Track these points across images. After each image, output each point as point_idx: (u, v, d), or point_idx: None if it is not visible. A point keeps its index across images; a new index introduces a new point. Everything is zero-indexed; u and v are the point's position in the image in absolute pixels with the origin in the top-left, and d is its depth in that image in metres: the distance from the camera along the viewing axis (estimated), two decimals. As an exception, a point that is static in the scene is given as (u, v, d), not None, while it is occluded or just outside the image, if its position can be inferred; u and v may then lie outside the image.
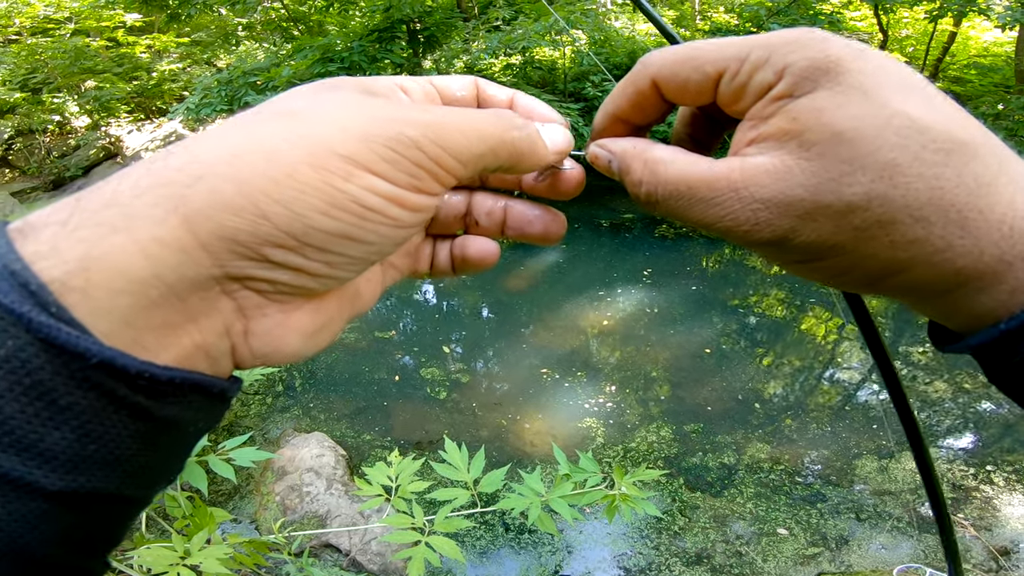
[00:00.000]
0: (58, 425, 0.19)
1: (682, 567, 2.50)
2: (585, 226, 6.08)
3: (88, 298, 0.20)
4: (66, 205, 0.21)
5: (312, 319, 0.26)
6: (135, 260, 0.20)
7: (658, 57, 0.29)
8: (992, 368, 0.26)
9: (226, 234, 0.21)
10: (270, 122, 0.23)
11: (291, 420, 3.40)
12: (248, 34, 10.63)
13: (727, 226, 0.27)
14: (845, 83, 0.24)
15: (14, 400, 0.19)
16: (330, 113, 0.24)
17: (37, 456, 0.19)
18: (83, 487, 0.20)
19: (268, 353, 0.25)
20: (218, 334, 0.23)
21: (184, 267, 0.21)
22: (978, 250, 0.23)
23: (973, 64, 8.28)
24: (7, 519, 0.19)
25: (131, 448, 0.21)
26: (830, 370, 3.93)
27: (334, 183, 0.22)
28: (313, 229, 0.23)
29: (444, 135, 0.25)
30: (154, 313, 0.21)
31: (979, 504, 2.77)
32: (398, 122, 0.24)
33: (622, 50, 7.18)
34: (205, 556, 1.11)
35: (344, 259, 0.24)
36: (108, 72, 9.10)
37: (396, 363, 3.95)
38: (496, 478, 1.44)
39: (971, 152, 0.24)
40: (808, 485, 2.91)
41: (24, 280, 0.19)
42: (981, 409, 3.43)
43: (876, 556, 2.54)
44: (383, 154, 0.24)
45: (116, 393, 0.20)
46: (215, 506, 2.52)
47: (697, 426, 3.28)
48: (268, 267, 0.23)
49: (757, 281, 4.98)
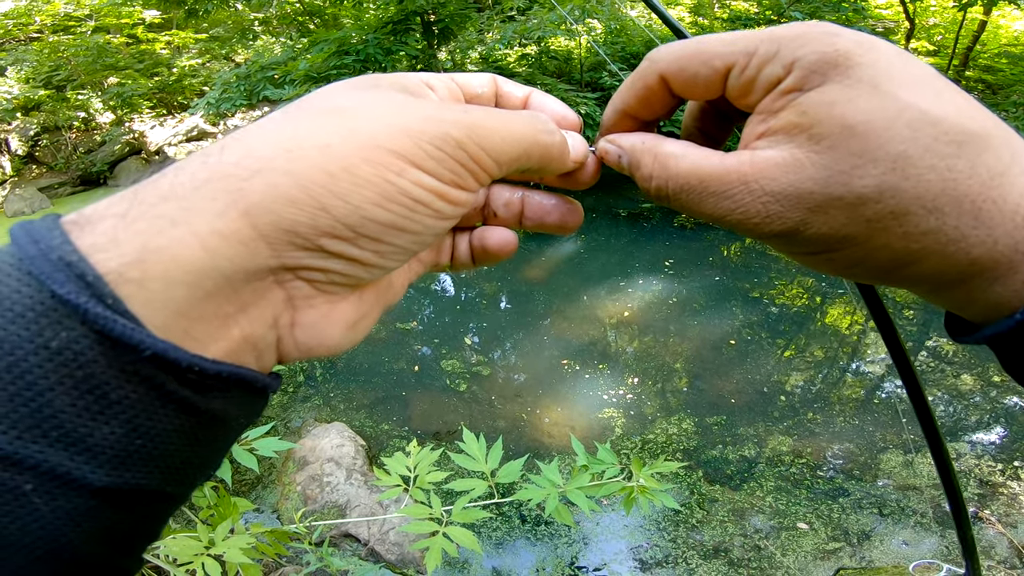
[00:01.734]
0: (108, 420, 0.20)
1: (699, 560, 2.49)
2: (603, 216, 6.04)
3: (143, 289, 0.20)
4: (123, 198, 0.22)
5: (355, 311, 0.28)
6: (194, 252, 0.21)
7: (666, 52, 0.29)
8: (1009, 358, 0.26)
9: (285, 225, 0.22)
10: (319, 118, 0.24)
11: (312, 410, 3.44)
12: (264, 29, 10.71)
13: (738, 219, 0.27)
14: (855, 76, 0.24)
15: (65, 393, 0.19)
16: (377, 110, 0.25)
17: (85, 451, 0.19)
18: (128, 483, 0.21)
19: (312, 346, 0.26)
20: (267, 325, 0.24)
21: (242, 258, 0.22)
22: (992, 239, 0.24)
23: (1004, 53, 8.04)
24: (50, 516, 0.19)
25: (176, 443, 0.22)
26: (855, 362, 3.87)
27: (387, 177, 0.24)
28: (368, 220, 0.24)
29: (484, 137, 0.26)
30: (208, 304, 0.21)
31: (1006, 500, 2.71)
32: (444, 123, 0.25)
33: (639, 39, 7.09)
34: (229, 546, 1.12)
35: (393, 248, 0.25)
36: (130, 68, 9.24)
37: (415, 354, 3.97)
38: (514, 469, 1.44)
39: (983, 143, 0.24)
40: (830, 479, 2.87)
41: (80, 272, 0.19)
42: (1009, 404, 3.35)
43: (898, 552, 2.51)
44: (430, 152, 0.25)
45: (165, 387, 0.20)
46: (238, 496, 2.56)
47: (717, 418, 3.26)
48: (323, 257, 0.24)
49: (781, 270, 4.91)
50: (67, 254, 0.19)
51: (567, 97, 6.42)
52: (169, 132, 9.61)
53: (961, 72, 7.61)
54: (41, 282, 0.19)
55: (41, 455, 0.19)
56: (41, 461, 0.19)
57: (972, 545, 0.65)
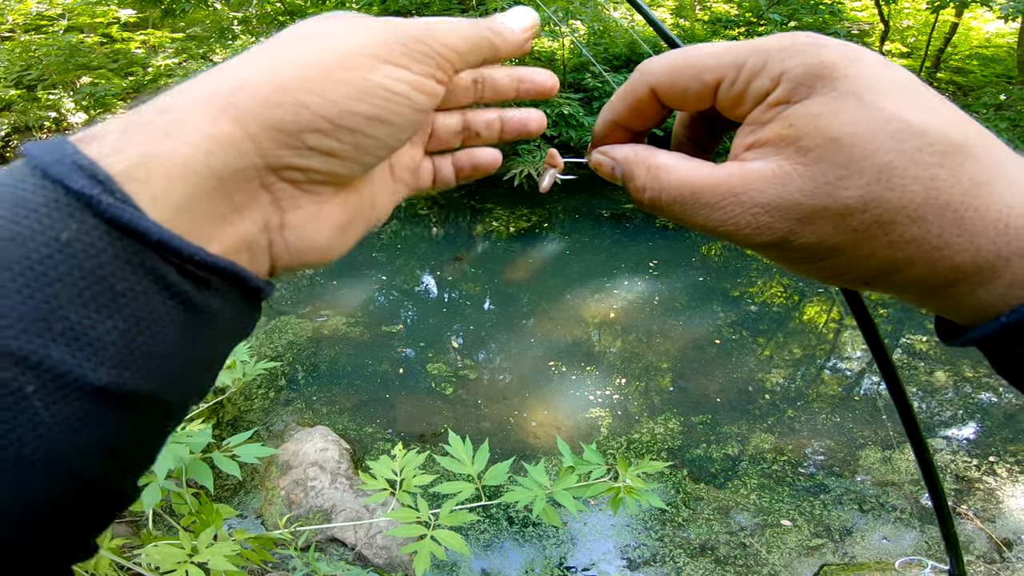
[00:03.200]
0: (111, 313, 0.20)
1: (686, 558, 2.51)
2: (586, 216, 6.06)
3: (148, 187, 0.22)
4: (122, 119, 0.24)
5: (340, 213, 0.30)
6: (191, 152, 0.23)
7: (657, 65, 0.30)
8: (998, 360, 0.27)
9: (270, 124, 0.24)
10: (293, 44, 0.27)
11: (294, 414, 3.40)
12: (244, 28, 10.58)
13: (729, 230, 0.28)
14: (840, 88, 0.25)
15: (72, 284, 0.20)
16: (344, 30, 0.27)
17: (87, 346, 0.20)
18: (127, 384, 0.21)
19: (301, 248, 0.28)
20: (258, 227, 0.26)
21: (232, 158, 0.24)
22: (974, 247, 0.24)
23: (975, 55, 8.24)
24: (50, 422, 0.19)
25: (176, 342, 0.22)
26: (832, 359, 3.93)
27: (363, 74, 0.26)
28: (347, 112, 0.26)
29: (440, 33, 0.29)
30: (205, 203, 0.23)
31: (983, 495, 2.77)
32: (402, 26, 0.28)
33: (621, 40, 7.14)
34: (212, 553, 1.11)
35: (371, 141, 0.27)
36: (103, 68, 9.07)
37: (399, 356, 3.95)
38: (500, 471, 1.44)
39: (967, 153, 0.24)
40: (811, 476, 2.92)
41: (92, 172, 0.21)
42: (983, 399, 3.43)
43: (879, 547, 2.55)
44: (398, 49, 0.27)
45: (167, 279, 0.22)
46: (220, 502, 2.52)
47: (701, 417, 3.29)
48: (304, 153, 0.26)
49: (760, 270, 4.98)
50: (79, 159, 0.21)
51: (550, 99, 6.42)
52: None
53: (933, 74, 7.78)
54: (56, 181, 0.20)
55: (45, 351, 0.19)
56: (44, 357, 0.19)
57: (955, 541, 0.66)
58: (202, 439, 1.20)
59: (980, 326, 0.26)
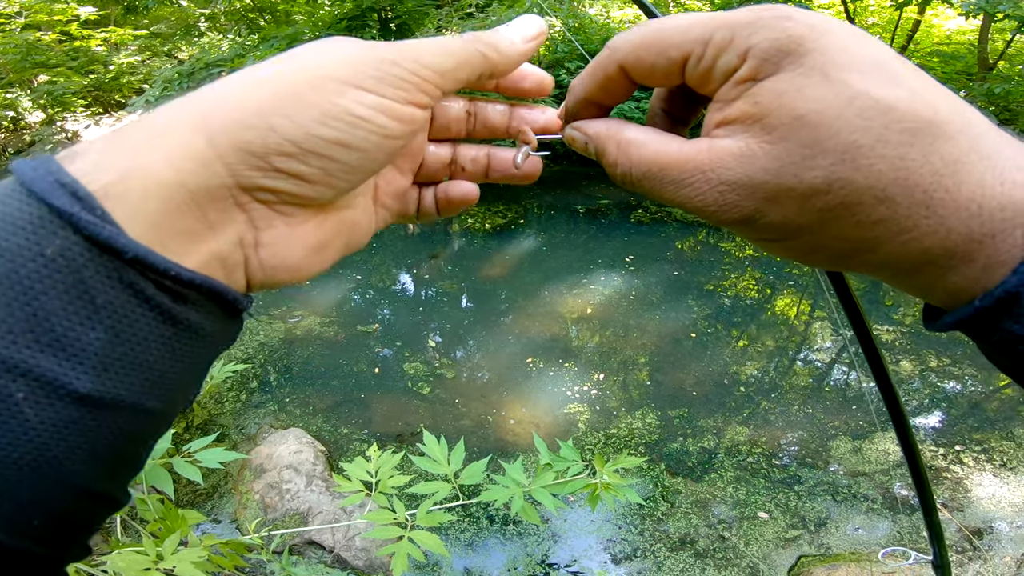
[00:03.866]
0: (94, 324, 0.22)
1: (667, 552, 2.52)
2: (561, 212, 6.07)
3: (124, 202, 0.22)
4: (108, 135, 0.25)
5: (315, 234, 0.30)
6: (164, 169, 0.23)
7: (624, 42, 0.29)
8: (979, 344, 0.26)
9: (240, 145, 0.25)
10: (269, 66, 0.27)
11: (267, 416, 3.33)
12: (211, 25, 10.34)
13: (697, 206, 0.28)
14: (807, 64, 0.24)
15: (57, 297, 0.21)
16: (320, 53, 0.28)
17: (72, 356, 0.21)
18: (110, 392, 0.22)
19: (275, 266, 0.28)
20: (233, 243, 0.26)
21: (203, 176, 0.24)
22: (945, 229, 0.23)
23: (936, 52, 8.46)
24: (39, 427, 0.21)
25: (155, 352, 0.23)
26: (806, 351, 4.00)
27: (330, 98, 0.26)
28: (313, 136, 0.26)
29: (418, 54, 0.29)
30: (178, 219, 0.24)
31: (951, 485, 2.84)
32: (378, 49, 0.28)
33: (596, 37, 7.16)
34: (179, 560, 1.07)
35: (339, 166, 0.27)
36: (62, 66, 8.81)
37: (374, 355, 3.90)
38: (477, 470, 1.42)
39: (937, 130, 0.23)
40: (785, 467, 2.96)
41: (73, 189, 0.22)
42: (948, 388, 3.52)
43: (854, 538, 2.60)
44: (370, 73, 0.27)
45: (146, 292, 0.23)
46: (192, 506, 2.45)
47: (677, 411, 3.31)
48: (273, 175, 0.26)
49: (734, 264, 5.04)
50: (62, 176, 0.22)
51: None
52: (106, 131, 9.17)
53: (898, 71, 7.97)
54: (40, 198, 0.21)
55: (33, 360, 0.21)
56: (33, 366, 0.21)
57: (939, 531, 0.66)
58: (162, 444, 1.16)
59: (954, 311, 0.25)
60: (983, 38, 7.23)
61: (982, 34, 7.22)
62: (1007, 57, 7.35)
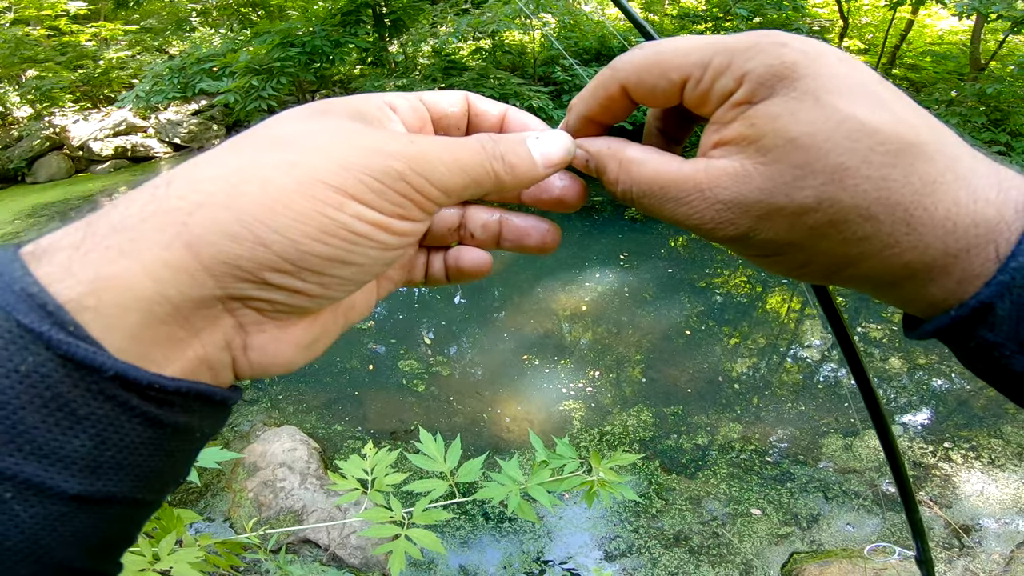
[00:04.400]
0: (77, 434, 0.21)
1: (661, 549, 2.54)
2: (556, 212, 6.08)
3: (100, 316, 0.21)
4: (77, 229, 0.23)
5: (307, 333, 0.28)
6: (142, 280, 0.22)
7: (626, 63, 0.30)
8: (956, 351, 0.28)
9: (227, 259, 0.23)
10: (263, 151, 0.25)
11: (260, 414, 3.32)
12: (203, 20, 10.25)
13: (694, 223, 0.28)
14: (800, 89, 0.25)
15: (35, 411, 0.20)
16: (320, 142, 0.25)
17: (57, 462, 0.21)
18: (100, 491, 0.22)
19: (266, 365, 0.27)
20: (219, 348, 0.25)
21: (188, 288, 0.22)
22: (923, 245, 0.25)
23: (929, 52, 8.52)
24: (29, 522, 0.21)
25: (143, 453, 0.23)
26: (797, 348, 4.03)
27: (326, 212, 0.24)
28: (308, 254, 0.24)
29: (428, 168, 0.26)
30: (160, 329, 0.22)
31: (939, 482, 2.87)
32: (384, 154, 0.25)
33: (591, 34, 7.16)
34: (176, 560, 1.06)
35: (337, 280, 0.26)
36: (50, 61, 8.71)
37: (368, 352, 3.89)
38: (474, 468, 1.42)
39: (918, 152, 0.25)
40: (777, 464, 2.98)
41: (42, 301, 0.20)
42: (936, 385, 3.55)
43: (845, 534, 2.62)
44: (370, 184, 0.25)
45: (129, 403, 0.22)
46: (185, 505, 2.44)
47: (671, 408, 3.33)
48: (267, 289, 0.24)
49: (726, 262, 5.06)
50: (28, 285, 0.21)
51: (520, 91, 6.42)
52: (95, 126, 9.08)
53: (888, 70, 8.02)
54: (7, 312, 0.20)
55: (17, 467, 0.20)
56: (18, 472, 0.20)
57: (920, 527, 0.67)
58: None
59: (932, 320, 0.27)
60: (975, 38, 7.28)
61: (975, 34, 7.27)
62: (999, 57, 7.40)
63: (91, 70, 9.07)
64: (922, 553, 0.69)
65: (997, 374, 0.27)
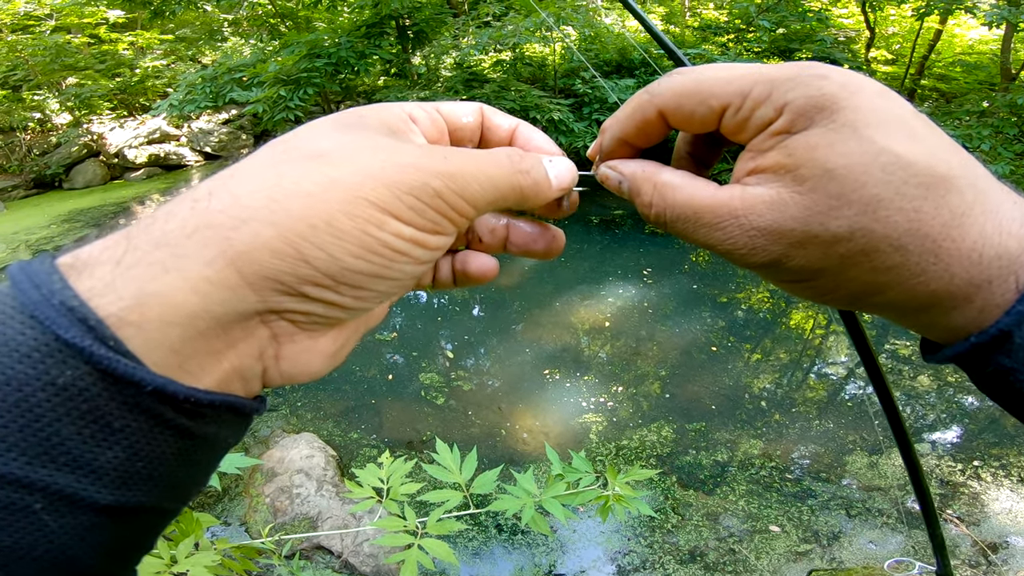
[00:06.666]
0: (111, 446, 0.22)
1: (676, 565, 2.50)
2: (575, 222, 6.07)
3: (142, 331, 0.22)
4: (116, 243, 0.23)
5: (334, 342, 0.29)
6: (187, 296, 0.22)
7: (666, 88, 0.31)
8: (973, 375, 0.29)
9: (269, 274, 0.24)
10: (303, 164, 0.25)
11: (279, 420, 3.37)
12: (234, 30, 10.52)
13: (727, 249, 0.29)
14: (838, 121, 0.26)
15: (71, 423, 0.21)
16: (358, 158, 0.26)
17: (91, 473, 0.21)
18: (130, 501, 0.23)
19: (295, 374, 0.28)
20: (253, 358, 0.26)
21: (231, 302, 0.23)
22: (949, 275, 0.26)
23: (958, 62, 8.36)
24: (59, 532, 0.21)
25: (173, 464, 0.24)
26: (821, 365, 3.96)
27: (368, 230, 0.25)
28: (348, 271, 0.25)
29: (463, 185, 0.28)
30: (200, 343, 0.23)
31: (967, 499, 2.79)
32: (422, 172, 0.26)
33: (612, 46, 7.17)
34: (193, 563, 1.08)
35: (373, 293, 0.27)
36: (90, 69, 8.99)
37: (386, 362, 3.92)
38: (489, 479, 1.42)
39: (949, 185, 0.25)
40: (798, 481, 2.92)
41: (83, 316, 0.21)
42: (967, 403, 3.46)
43: (866, 552, 2.56)
44: (409, 203, 0.26)
45: (164, 416, 0.22)
46: (203, 509, 2.48)
47: (690, 424, 3.29)
48: (305, 302, 0.25)
49: (748, 277, 5.00)
50: (68, 299, 0.21)
51: (541, 103, 6.45)
52: (130, 134, 9.34)
53: (917, 81, 7.87)
54: (46, 326, 0.21)
55: (50, 478, 0.21)
56: (51, 483, 0.21)
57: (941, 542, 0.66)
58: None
59: (953, 345, 0.28)
60: (1006, 48, 7.12)
61: (1005, 44, 7.11)
62: (1031, 68, 7.23)
63: (128, 78, 9.33)
64: (943, 568, 0.67)
65: (1012, 397, 0.27)
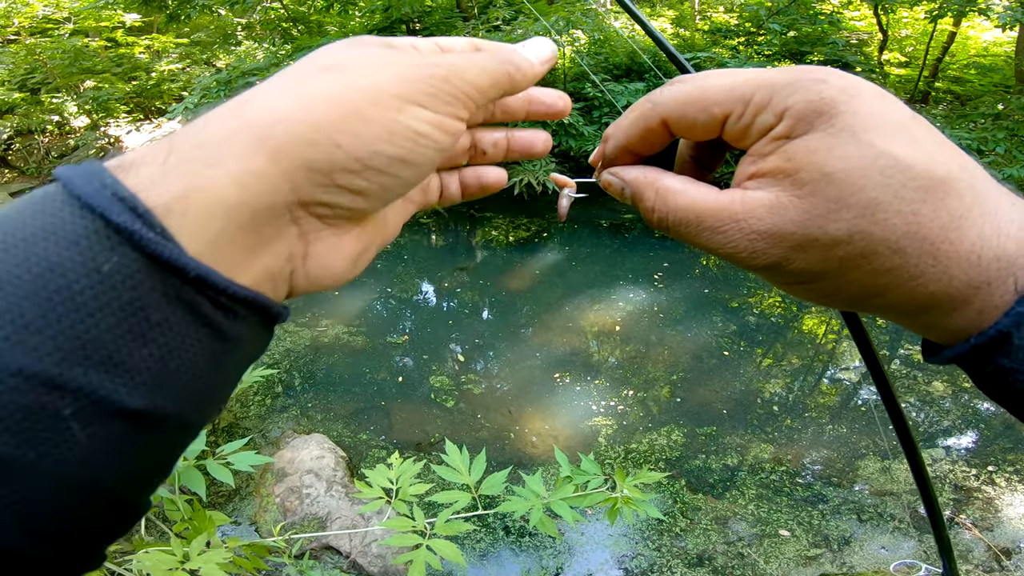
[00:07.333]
0: (147, 342, 0.22)
1: (684, 568, 2.49)
2: (585, 226, 6.07)
3: (186, 221, 0.23)
4: (161, 146, 0.24)
5: (357, 244, 0.31)
6: (229, 189, 0.23)
7: (668, 97, 0.32)
8: (973, 376, 0.29)
9: (305, 163, 0.25)
10: (323, 75, 0.27)
11: (290, 421, 3.39)
12: (247, 34, 10.62)
13: (728, 252, 0.30)
14: (837, 125, 0.27)
15: (111, 315, 0.21)
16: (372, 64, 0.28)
17: (124, 373, 0.21)
18: (158, 408, 0.23)
19: (320, 276, 0.29)
20: (283, 258, 0.27)
21: (268, 194, 0.24)
22: (948, 277, 0.26)
23: (973, 64, 8.27)
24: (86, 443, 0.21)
25: (203, 367, 0.24)
26: (833, 370, 3.93)
27: (392, 115, 0.27)
28: (377, 153, 0.27)
29: (463, 71, 0.30)
30: (239, 236, 0.24)
31: (981, 504, 2.76)
32: (429, 66, 0.29)
33: (621, 50, 7.17)
34: (205, 561, 1.10)
35: (395, 180, 0.28)
36: (107, 72, 9.10)
37: (396, 364, 3.94)
38: (497, 481, 1.43)
39: (947, 188, 0.26)
40: (809, 486, 2.90)
41: (133, 204, 0.22)
42: (981, 408, 3.42)
43: (877, 557, 2.54)
44: (425, 90, 0.28)
45: (200, 310, 0.23)
46: (214, 508, 2.51)
47: (700, 428, 3.28)
48: (333, 190, 0.26)
49: (759, 281, 4.98)
50: (119, 190, 0.22)
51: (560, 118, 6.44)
52: (146, 137, 9.44)
53: (931, 83, 7.80)
54: (97, 213, 0.21)
55: (84, 377, 0.20)
56: (84, 384, 0.20)
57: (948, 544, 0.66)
58: (196, 446, 1.19)
59: (953, 347, 0.28)
60: (1020, 50, 7.04)
61: (1019, 46, 7.04)
62: (1046, 70, 7.14)
63: (144, 82, 9.44)
64: (949, 570, 0.67)
65: (1011, 397, 0.28)
